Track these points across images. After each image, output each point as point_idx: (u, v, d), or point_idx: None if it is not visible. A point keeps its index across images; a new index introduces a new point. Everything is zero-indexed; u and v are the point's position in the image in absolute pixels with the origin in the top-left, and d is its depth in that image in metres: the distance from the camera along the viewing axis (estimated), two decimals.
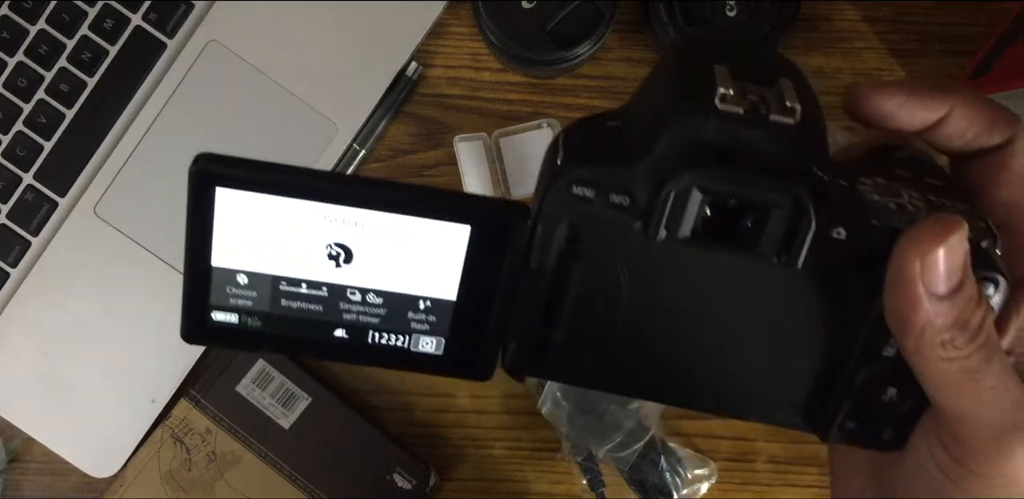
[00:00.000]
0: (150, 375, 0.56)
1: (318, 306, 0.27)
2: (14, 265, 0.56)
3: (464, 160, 0.56)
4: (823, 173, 0.25)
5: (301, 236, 0.25)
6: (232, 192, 0.24)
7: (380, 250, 0.26)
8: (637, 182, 0.25)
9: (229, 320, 0.27)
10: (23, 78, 0.55)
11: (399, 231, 0.25)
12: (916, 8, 0.56)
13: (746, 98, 0.25)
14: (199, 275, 0.27)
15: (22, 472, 0.58)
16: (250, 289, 0.27)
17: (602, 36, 0.51)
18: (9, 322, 0.56)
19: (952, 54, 0.56)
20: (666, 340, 0.28)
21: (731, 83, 0.25)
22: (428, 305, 0.27)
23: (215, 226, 0.25)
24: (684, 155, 0.25)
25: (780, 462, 0.58)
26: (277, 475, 0.56)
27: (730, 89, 0.25)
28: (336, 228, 0.25)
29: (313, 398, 0.56)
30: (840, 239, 0.25)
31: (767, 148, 0.25)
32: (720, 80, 0.25)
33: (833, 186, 0.25)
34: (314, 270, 0.26)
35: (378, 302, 0.27)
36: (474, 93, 0.57)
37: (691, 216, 0.25)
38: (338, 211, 0.25)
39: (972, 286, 0.25)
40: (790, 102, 0.25)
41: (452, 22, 0.57)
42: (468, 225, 0.25)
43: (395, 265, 0.26)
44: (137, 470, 0.56)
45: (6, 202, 0.56)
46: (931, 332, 0.25)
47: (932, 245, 0.24)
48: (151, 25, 0.55)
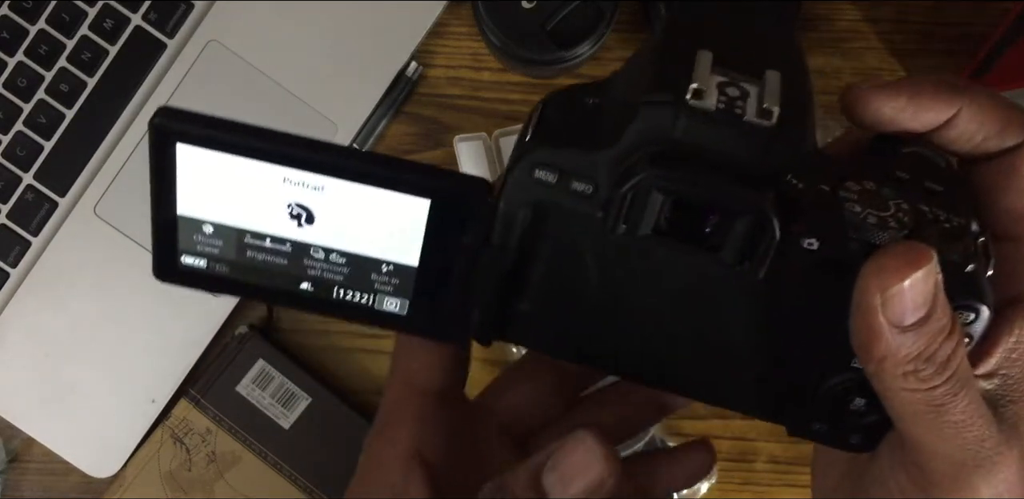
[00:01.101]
0: (150, 375, 0.56)
1: (283, 260, 0.27)
2: (14, 265, 0.56)
3: (464, 160, 0.56)
4: (800, 179, 0.24)
5: (263, 194, 0.25)
6: (192, 148, 0.24)
7: (341, 214, 0.25)
8: (601, 172, 0.24)
9: (198, 264, 0.27)
10: (23, 78, 0.55)
11: (359, 198, 0.25)
12: (916, 8, 0.56)
13: (723, 94, 0.23)
14: (165, 223, 0.27)
15: (22, 472, 0.58)
16: (216, 238, 0.27)
17: (602, 36, 0.51)
18: (9, 322, 0.56)
19: (952, 54, 0.56)
20: (633, 321, 0.27)
21: (709, 76, 0.23)
22: (390, 269, 0.27)
23: (178, 179, 0.25)
24: (648, 151, 0.23)
25: (780, 462, 0.58)
26: (277, 475, 0.56)
27: (705, 83, 0.23)
28: (297, 190, 0.25)
29: (313, 398, 0.56)
30: (811, 249, 0.24)
31: (737, 151, 0.23)
32: (698, 71, 0.23)
33: (811, 193, 0.24)
34: (277, 227, 0.26)
35: (341, 262, 0.27)
36: (474, 93, 0.57)
37: (652, 215, 0.24)
38: (298, 174, 0.25)
39: (944, 317, 0.23)
40: (769, 102, 0.23)
41: (452, 22, 0.57)
42: (427, 199, 0.25)
43: (356, 229, 0.26)
44: (137, 470, 0.56)
45: (6, 202, 0.56)
46: (892, 363, 0.23)
47: (894, 279, 0.23)
48: (151, 25, 0.55)
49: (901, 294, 0.23)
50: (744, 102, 0.23)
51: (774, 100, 0.23)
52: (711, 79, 0.23)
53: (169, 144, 0.24)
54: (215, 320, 0.56)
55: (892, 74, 0.56)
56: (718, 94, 0.23)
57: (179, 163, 0.25)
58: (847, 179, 0.25)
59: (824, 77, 0.56)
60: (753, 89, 0.24)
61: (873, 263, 0.23)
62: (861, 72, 0.56)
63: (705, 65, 0.23)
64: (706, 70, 0.23)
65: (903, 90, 0.26)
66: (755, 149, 0.23)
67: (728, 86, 0.23)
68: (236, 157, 0.25)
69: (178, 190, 0.26)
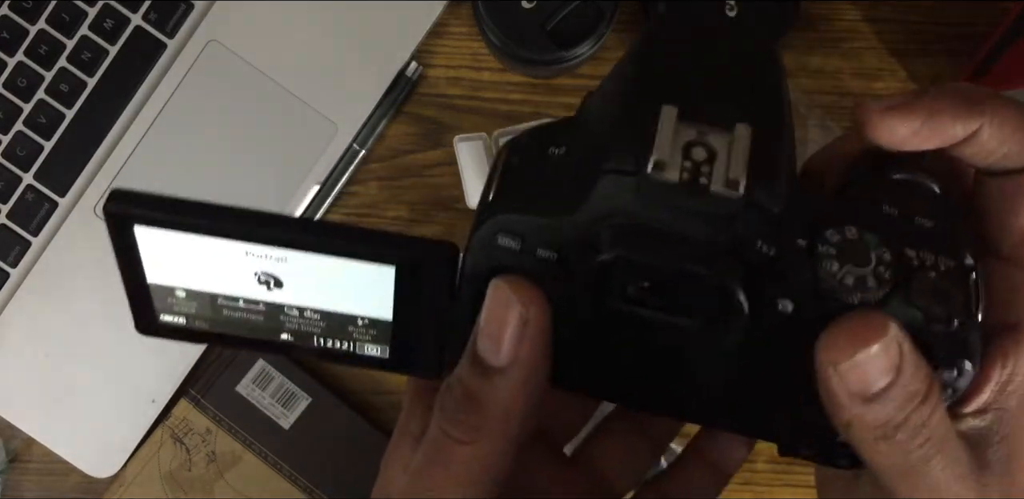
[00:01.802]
0: (150, 375, 0.56)
1: (259, 317, 0.27)
2: (14, 265, 0.56)
3: (464, 160, 0.56)
4: (771, 245, 0.23)
5: (228, 265, 0.25)
6: (150, 228, 0.24)
7: (308, 280, 0.25)
8: (566, 239, 0.23)
9: (177, 321, 0.28)
10: (23, 78, 0.55)
11: (324, 265, 0.25)
12: (916, 8, 0.56)
13: (688, 157, 0.22)
14: (137, 289, 0.27)
15: (22, 472, 0.58)
16: (191, 301, 0.27)
17: (602, 36, 0.51)
18: (9, 322, 0.56)
19: (952, 54, 0.56)
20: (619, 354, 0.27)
21: (672, 139, 0.22)
22: (366, 322, 0.27)
23: (142, 254, 0.25)
24: (611, 224, 0.23)
25: (780, 462, 0.58)
26: (277, 475, 0.56)
27: (667, 152, 0.22)
28: (261, 261, 0.25)
29: (313, 398, 0.56)
30: (786, 312, 0.23)
31: (702, 226, 0.22)
32: (661, 135, 0.22)
33: (785, 253, 0.23)
34: (248, 291, 0.26)
35: (316, 317, 0.27)
36: (474, 93, 0.57)
37: (619, 284, 0.23)
38: (258, 248, 0.25)
39: (915, 381, 0.22)
40: (735, 171, 0.22)
41: (452, 22, 0.57)
42: (392, 266, 0.25)
43: (326, 291, 0.26)
44: (137, 470, 0.56)
45: (6, 202, 0.56)
46: (860, 428, 0.22)
47: (845, 354, 0.22)
48: (151, 25, 0.55)
49: (856, 368, 0.22)
50: (711, 166, 0.22)
51: (741, 167, 0.22)
52: (675, 142, 0.22)
53: (126, 227, 0.24)
54: None
55: (892, 74, 0.56)
56: (682, 160, 0.22)
57: (140, 242, 0.25)
58: (829, 225, 0.24)
59: (824, 77, 0.56)
60: (723, 145, 0.22)
61: (825, 338, 0.22)
62: (861, 72, 0.56)
63: (669, 126, 0.22)
64: (669, 133, 0.22)
65: (919, 110, 0.24)
66: (721, 222, 0.23)
67: (695, 146, 0.22)
68: (195, 235, 0.25)
69: (144, 263, 0.26)
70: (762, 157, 0.22)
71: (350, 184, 0.57)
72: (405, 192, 0.57)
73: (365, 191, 0.57)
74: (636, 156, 0.22)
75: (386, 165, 0.57)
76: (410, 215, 0.57)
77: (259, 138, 0.55)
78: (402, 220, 0.57)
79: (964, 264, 0.24)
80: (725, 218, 0.22)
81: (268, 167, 0.56)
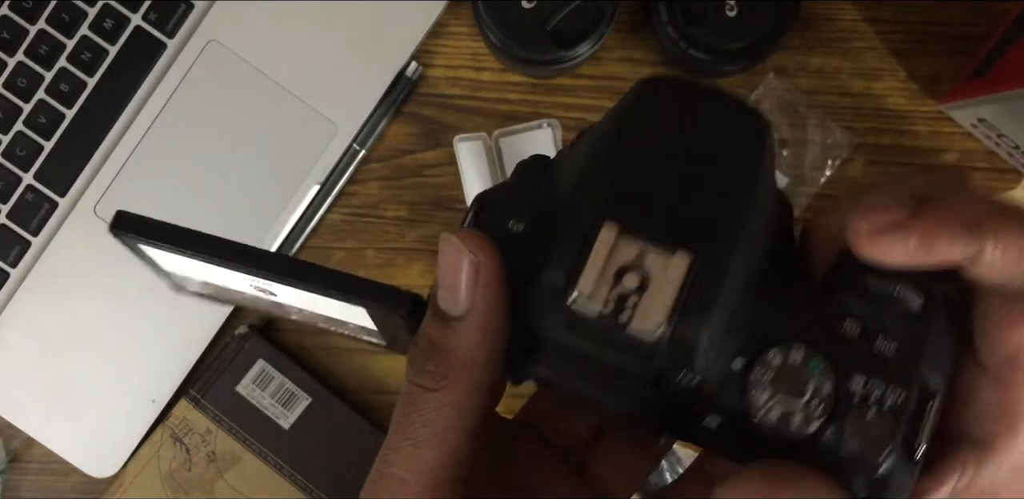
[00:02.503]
0: (150, 375, 0.56)
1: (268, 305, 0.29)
2: (14, 265, 0.56)
3: (464, 160, 0.56)
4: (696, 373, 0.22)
5: (228, 275, 0.26)
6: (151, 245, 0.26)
7: (297, 297, 0.26)
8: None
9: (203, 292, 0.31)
10: (23, 78, 0.55)
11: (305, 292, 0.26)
12: (916, 8, 0.56)
13: (616, 288, 0.22)
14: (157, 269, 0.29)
15: (22, 472, 0.58)
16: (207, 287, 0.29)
17: (602, 36, 0.51)
18: (9, 322, 0.56)
19: (952, 54, 0.56)
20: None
21: (600, 270, 0.22)
22: (358, 325, 0.28)
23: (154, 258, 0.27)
24: (535, 339, 0.23)
25: None
26: (277, 475, 0.56)
27: (594, 283, 0.22)
28: (252, 278, 0.26)
29: (313, 398, 0.56)
30: (711, 427, 0.23)
31: (622, 358, 0.22)
32: (590, 266, 0.22)
33: (713, 379, 0.22)
34: (251, 292, 0.28)
35: (315, 314, 0.29)
36: (474, 93, 0.57)
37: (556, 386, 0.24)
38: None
39: None
40: (657, 313, 0.21)
41: (452, 22, 0.57)
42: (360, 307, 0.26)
43: (314, 305, 0.27)
44: (137, 470, 0.56)
45: (6, 202, 0.56)
46: None
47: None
48: (151, 25, 0.55)
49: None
50: (639, 297, 0.22)
51: (665, 306, 0.21)
52: (606, 269, 0.22)
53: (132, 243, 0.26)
54: (215, 320, 0.56)
55: (892, 74, 0.56)
56: (609, 291, 0.22)
57: (146, 251, 0.26)
58: (776, 342, 0.23)
59: (824, 77, 0.56)
60: (659, 272, 0.22)
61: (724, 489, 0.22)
62: (861, 72, 0.56)
63: (603, 251, 0.22)
64: (600, 260, 0.22)
65: (913, 232, 0.22)
66: (638, 356, 0.22)
67: (629, 271, 0.22)
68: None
69: (159, 263, 0.27)
70: (699, 288, 0.22)
71: (350, 184, 0.57)
72: (405, 192, 0.57)
73: (365, 191, 0.57)
74: (567, 274, 0.22)
75: (386, 165, 0.57)
76: (410, 215, 0.57)
77: (259, 138, 0.55)
78: (402, 220, 0.57)
79: (921, 393, 0.23)
80: (643, 354, 0.22)
81: (268, 167, 0.56)
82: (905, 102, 0.56)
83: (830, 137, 0.56)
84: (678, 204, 0.23)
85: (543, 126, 0.56)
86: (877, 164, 0.56)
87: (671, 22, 0.51)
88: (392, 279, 0.53)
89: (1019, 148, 0.53)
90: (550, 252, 0.23)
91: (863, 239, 0.22)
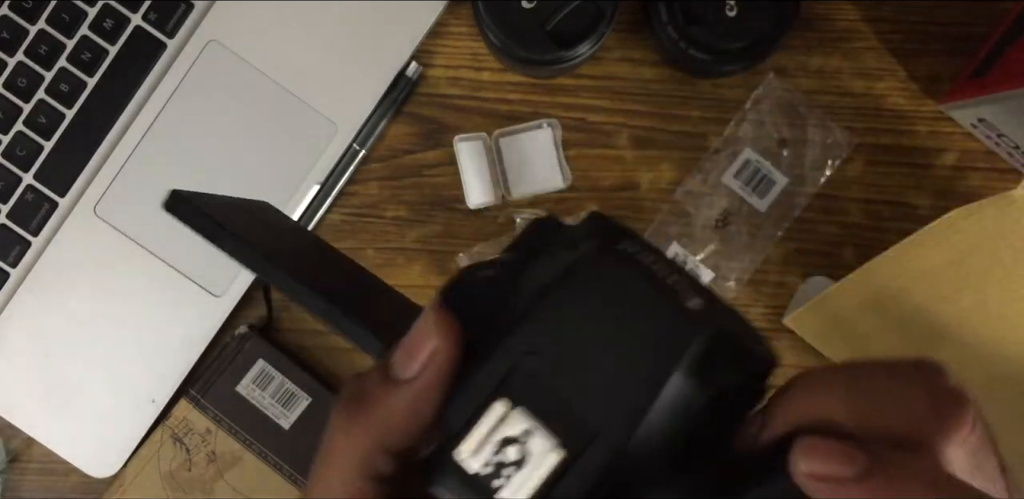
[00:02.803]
0: (150, 375, 0.56)
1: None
2: (14, 265, 0.56)
3: (464, 160, 0.56)
4: None
5: None
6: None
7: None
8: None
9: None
10: (23, 78, 0.55)
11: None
12: (916, 8, 0.56)
13: (500, 451, 0.23)
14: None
15: (22, 472, 0.58)
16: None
17: (602, 36, 0.51)
18: (9, 322, 0.56)
19: (952, 54, 0.56)
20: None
21: (485, 435, 0.23)
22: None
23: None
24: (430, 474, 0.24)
25: None
26: (277, 475, 0.56)
27: (474, 445, 0.23)
28: None
29: (313, 398, 0.56)
30: None
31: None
32: (481, 426, 0.23)
33: None
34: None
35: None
36: (474, 93, 0.57)
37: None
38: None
39: None
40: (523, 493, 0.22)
41: (452, 22, 0.57)
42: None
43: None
44: (137, 470, 0.56)
45: (6, 202, 0.56)
46: None
47: None
48: (151, 25, 0.55)
49: None
50: (517, 470, 0.23)
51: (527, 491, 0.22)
52: (491, 436, 0.23)
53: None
54: (215, 320, 0.56)
55: (892, 74, 0.56)
56: (492, 453, 0.23)
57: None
58: None
59: (824, 77, 0.56)
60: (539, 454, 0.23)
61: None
62: (861, 72, 0.56)
63: (491, 420, 0.23)
64: (485, 428, 0.23)
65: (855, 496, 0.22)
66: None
67: (512, 444, 0.23)
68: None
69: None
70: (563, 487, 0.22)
71: (350, 184, 0.57)
72: (405, 192, 0.57)
73: (365, 191, 0.57)
74: (458, 430, 0.23)
75: (386, 165, 0.57)
76: (410, 215, 0.57)
77: (259, 138, 0.55)
78: (402, 220, 0.57)
79: None
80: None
81: (268, 167, 0.56)
82: (905, 102, 0.56)
83: (830, 137, 0.56)
84: (581, 397, 0.23)
85: (543, 126, 0.56)
86: (877, 164, 0.56)
87: (671, 22, 0.51)
88: (392, 279, 0.53)
89: (1019, 148, 0.53)
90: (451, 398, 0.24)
91: (802, 478, 0.22)
